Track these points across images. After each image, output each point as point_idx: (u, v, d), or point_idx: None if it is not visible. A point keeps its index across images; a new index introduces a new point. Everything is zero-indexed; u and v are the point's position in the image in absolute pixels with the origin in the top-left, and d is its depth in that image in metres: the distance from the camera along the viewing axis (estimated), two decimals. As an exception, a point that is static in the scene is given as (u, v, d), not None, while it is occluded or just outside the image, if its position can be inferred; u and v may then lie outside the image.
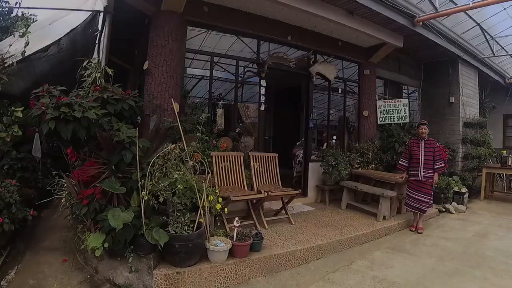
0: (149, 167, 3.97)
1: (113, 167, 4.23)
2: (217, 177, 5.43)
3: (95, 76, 5.21)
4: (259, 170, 5.95)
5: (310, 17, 6.66)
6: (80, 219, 3.98)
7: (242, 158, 5.81)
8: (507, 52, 11.04)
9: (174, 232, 3.86)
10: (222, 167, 5.54)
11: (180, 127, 4.44)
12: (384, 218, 6.11)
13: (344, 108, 8.46)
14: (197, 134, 4.87)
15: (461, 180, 8.47)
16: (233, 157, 5.73)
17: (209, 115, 6.06)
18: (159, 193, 3.87)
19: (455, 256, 4.88)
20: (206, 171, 4.23)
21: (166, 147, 4.19)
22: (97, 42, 6.44)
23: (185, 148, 4.30)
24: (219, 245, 4.05)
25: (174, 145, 4.17)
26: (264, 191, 5.38)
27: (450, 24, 8.65)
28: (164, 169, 4.07)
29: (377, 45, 8.15)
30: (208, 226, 4.20)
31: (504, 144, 13.85)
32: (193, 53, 6.43)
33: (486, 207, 8.13)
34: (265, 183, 5.94)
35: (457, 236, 5.82)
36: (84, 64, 5.28)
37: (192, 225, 4.02)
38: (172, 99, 5.58)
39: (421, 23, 7.37)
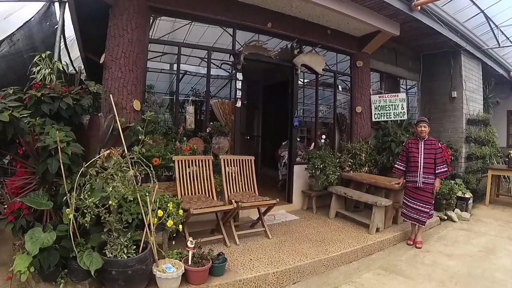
0: (77, 178, 3.20)
1: (39, 177, 3.52)
2: (180, 185, 4.66)
3: (44, 73, 4.51)
4: (232, 175, 5.15)
5: (291, 1, 5.87)
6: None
7: (211, 162, 5.01)
8: (512, 43, 10.20)
9: (111, 255, 3.19)
10: (187, 173, 4.75)
11: (120, 128, 3.61)
12: (377, 230, 5.31)
13: (334, 104, 7.64)
14: (140, 136, 4.06)
15: (465, 183, 7.66)
16: (200, 161, 4.93)
17: (166, 113, 5.30)
18: (85, 210, 3.10)
19: (459, 280, 4.08)
20: (152, 180, 3.43)
21: (101, 154, 3.38)
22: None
23: (125, 153, 3.48)
24: (168, 270, 3.34)
25: (108, 151, 3.36)
26: (235, 201, 4.59)
27: (452, 11, 7.81)
28: (97, 180, 3.28)
29: (371, 34, 7.31)
30: (155, 246, 3.44)
31: (508, 142, 13.12)
32: (157, 43, 5.70)
33: (491, 213, 7.32)
34: (238, 190, 5.15)
35: (461, 251, 5.02)
36: (35, 59, 4.58)
37: (137, 246, 3.36)
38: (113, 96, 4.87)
39: (419, 7, 6.53)
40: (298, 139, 7.55)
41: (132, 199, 3.44)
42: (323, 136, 7.19)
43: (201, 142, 5.65)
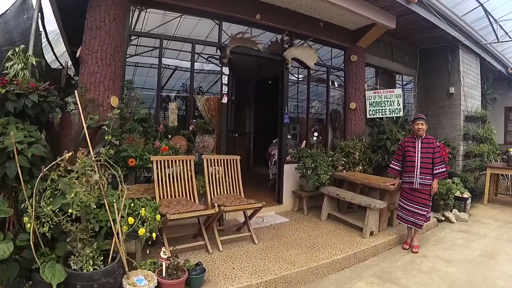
0: (37, 183, 2.87)
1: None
2: (159, 187, 4.33)
3: (17, 68, 4.17)
4: (216, 177, 4.82)
5: (281, -9, 5.54)
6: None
7: (192, 162, 4.66)
8: (511, 38, 9.90)
9: (76, 267, 2.90)
10: (166, 175, 4.42)
11: (84, 126, 3.28)
12: (371, 233, 5.00)
13: (327, 100, 7.32)
14: (107, 136, 3.73)
15: (462, 182, 7.37)
16: (181, 161, 4.59)
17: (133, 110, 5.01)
18: (44, 219, 2.79)
19: (458, 289, 3.80)
20: (120, 184, 3.11)
21: (63, 156, 3.03)
22: (41, 29, 5.59)
23: (92, 155, 3.13)
24: (139, 283, 3.04)
25: (70, 153, 3.02)
26: (218, 205, 4.29)
27: (450, 4, 7.50)
28: (59, 185, 2.95)
29: (366, 27, 6.99)
30: (124, 257, 3.13)
31: (506, 140, 12.84)
32: (138, 36, 5.36)
33: (491, 214, 7.04)
34: (223, 192, 4.81)
35: (459, 256, 4.73)
36: (8, 54, 4.24)
37: (107, 256, 3.07)
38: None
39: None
40: (290, 136, 7.26)
41: (95, 206, 3.09)
42: (315, 134, 6.88)
43: (184, 140, 5.34)
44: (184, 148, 5.27)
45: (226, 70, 5.72)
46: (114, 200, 3.10)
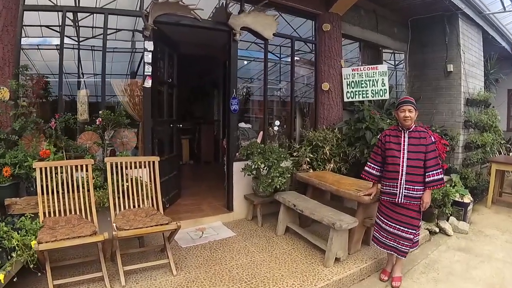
0: None
1: None
2: (43, 202, 3.13)
3: None
4: (124, 186, 3.48)
5: None
6: None
7: (90, 167, 3.36)
8: (518, 8, 8.45)
9: None
10: (56, 185, 3.17)
11: None
12: (337, 260, 3.66)
13: (291, 78, 5.86)
14: None
15: (462, 179, 6.01)
16: (76, 167, 3.32)
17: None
18: None
19: None
20: None
21: None
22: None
23: None
24: None
25: None
26: (117, 227, 2.98)
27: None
28: None
29: (341, -13, 5.55)
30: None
31: (509, 126, 11.56)
32: (34, 10, 4.17)
33: (496, 220, 5.66)
34: (134, 206, 3.51)
35: (458, 294, 3.39)
36: None
37: None
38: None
39: None
40: (250, 126, 5.93)
41: None
42: (277, 123, 5.49)
43: (97, 137, 4.05)
44: (96, 148, 4.00)
45: (149, 45, 4.35)
46: None
